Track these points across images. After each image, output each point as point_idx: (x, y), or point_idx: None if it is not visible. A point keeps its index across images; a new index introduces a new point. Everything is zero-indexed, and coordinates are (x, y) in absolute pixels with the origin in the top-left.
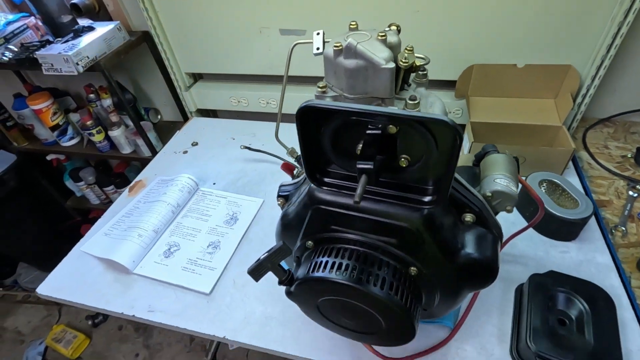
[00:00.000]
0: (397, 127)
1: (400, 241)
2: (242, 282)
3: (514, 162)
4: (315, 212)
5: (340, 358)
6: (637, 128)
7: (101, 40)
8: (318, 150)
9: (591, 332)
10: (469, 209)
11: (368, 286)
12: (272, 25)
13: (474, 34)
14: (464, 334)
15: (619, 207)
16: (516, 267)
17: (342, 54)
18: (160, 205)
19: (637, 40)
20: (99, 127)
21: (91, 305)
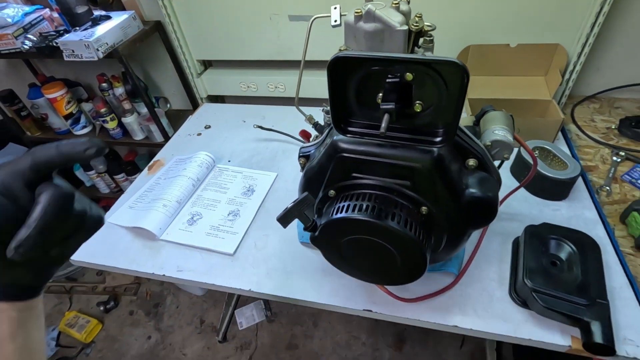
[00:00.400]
0: (413, 74)
1: (413, 182)
2: (262, 244)
3: (510, 117)
4: (338, 161)
5: (357, 303)
6: (621, 103)
7: (118, 29)
8: (343, 102)
9: (579, 270)
10: (472, 155)
11: (386, 221)
12: (281, 12)
13: (471, 16)
14: (467, 279)
15: (604, 171)
16: (512, 224)
17: (362, 19)
18: (181, 179)
19: (618, 19)
20: (112, 115)
21: (124, 268)
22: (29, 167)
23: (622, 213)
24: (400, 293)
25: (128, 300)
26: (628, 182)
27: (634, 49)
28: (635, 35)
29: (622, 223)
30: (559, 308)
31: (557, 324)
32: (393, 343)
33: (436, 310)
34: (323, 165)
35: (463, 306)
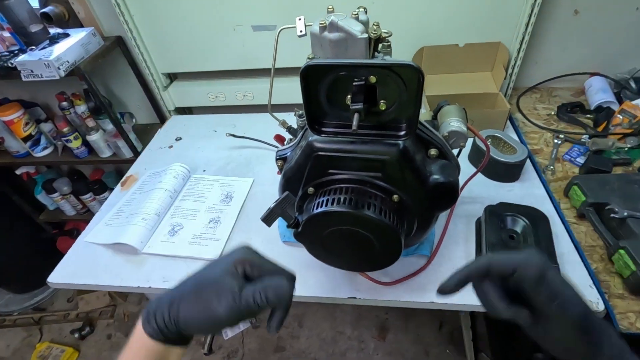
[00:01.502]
0: (376, 76)
1: (384, 173)
2: None
3: (463, 110)
4: (315, 159)
5: (342, 292)
6: (558, 92)
7: (78, 46)
8: (316, 105)
9: (533, 240)
10: (432, 145)
11: (363, 211)
12: (244, 23)
13: (422, 20)
14: (439, 260)
15: (548, 153)
16: (474, 206)
17: (327, 30)
18: (158, 192)
19: (546, 19)
20: (76, 133)
21: (107, 284)
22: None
23: (565, 188)
24: (381, 278)
25: (104, 324)
26: (568, 160)
27: (564, 43)
28: (563, 32)
29: (566, 197)
30: None
31: None
32: (377, 333)
33: (414, 290)
34: (301, 165)
35: (437, 283)
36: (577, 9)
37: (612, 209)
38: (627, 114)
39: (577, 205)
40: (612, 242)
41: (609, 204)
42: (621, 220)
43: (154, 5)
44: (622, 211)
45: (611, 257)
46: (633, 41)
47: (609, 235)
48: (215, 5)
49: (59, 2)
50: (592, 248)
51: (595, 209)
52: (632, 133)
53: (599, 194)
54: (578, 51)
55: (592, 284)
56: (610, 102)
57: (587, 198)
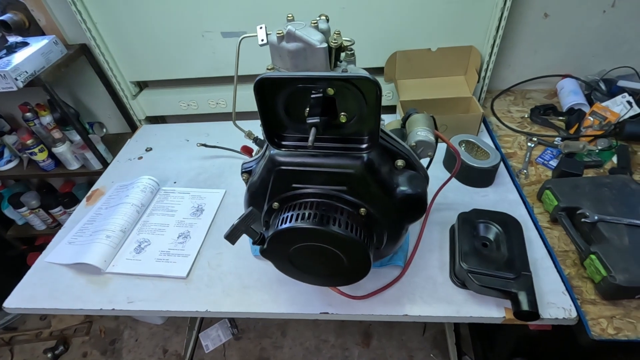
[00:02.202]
0: (334, 88)
1: (350, 187)
2: (216, 263)
3: (431, 118)
4: (277, 174)
5: (314, 307)
6: (531, 94)
7: (38, 55)
8: (274, 118)
9: (506, 248)
10: (399, 156)
11: (329, 226)
12: (214, 29)
13: (394, 25)
14: (413, 269)
15: (521, 156)
16: (449, 212)
17: (284, 40)
18: (124, 206)
19: (517, 23)
20: (41, 146)
21: (66, 308)
22: None
23: (538, 192)
24: (353, 292)
25: (80, 342)
26: (541, 164)
27: (535, 46)
28: (534, 35)
29: (539, 201)
30: (492, 284)
31: (493, 299)
32: (361, 340)
33: (387, 303)
34: (264, 179)
35: (411, 295)
36: (547, 12)
37: (583, 214)
38: (597, 116)
39: (550, 210)
40: (584, 247)
41: (580, 208)
42: (592, 224)
43: (118, 12)
44: (593, 215)
45: (583, 262)
46: (602, 43)
47: (580, 240)
48: (182, 11)
49: (18, 10)
50: (565, 253)
51: (567, 213)
52: (602, 135)
53: (570, 198)
54: (549, 54)
55: (565, 290)
56: (582, 104)
57: (559, 202)
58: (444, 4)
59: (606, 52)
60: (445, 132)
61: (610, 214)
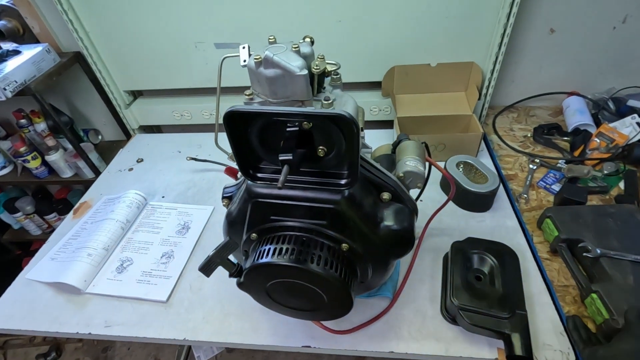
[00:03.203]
0: (311, 123)
1: (330, 222)
2: (198, 286)
3: (422, 146)
4: (254, 206)
5: (296, 340)
6: (535, 111)
7: (29, 64)
8: (249, 149)
9: (500, 282)
10: (385, 189)
11: (307, 264)
12: (206, 40)
13: (392, 39)
14: (402, 301)
15: (522, 178)
16: (443, 239)
17: (262, 65)
18: (108, 223)
19: (521, 38)
20: (34, 153)
21: (43, 330)
22: None
23: (538, 220)
24: (338, 325)
25: (72, 348)
26: (543, 188)
27: (540, 62)
28: (539, 50)
29: (539, 229)
30: (483, 324)
31: (485, 338)
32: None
33: (373, 337)
34: (242, 209)
35: (398, 330)
36: (553, 27)
37: (585, 247)
38: (604, 138)
39: (550, 240)
40: (585, 284)
41: (582, 241)
42: (594, 259)
43: (111, 21)
44: (596, 249)
45: (584, 300)
46: (611, 61)
47: (581, 276)
48: (175, 21)
49: (12, 17)
50: (564, 288)
51: (568, 245)
52: (609, 158)
53: (572, 228)
54: (555, 70)
55: (564, 330)
56: (588, 125)
57: (560, 233)
58: (445, 18)
59: (615, 69)
60: (444, 151)
61: (614, 248)
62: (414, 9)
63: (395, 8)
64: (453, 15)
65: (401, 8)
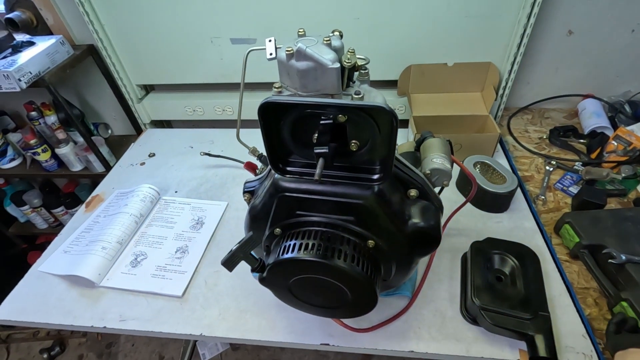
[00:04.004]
0: (346, 116)
1: (358, 218)
2: (213, 282)
3: (447, 144)
4: (280, 200)
5: (314, 337)
6: (550, 113)
7: (44, 55)
8: (279, 143)
9: (522, 283)
10: (412, 185)
11: (333, 260)
12: (222, 35)
13: (409, 37)
14: (421, 301)
15: (539, 180)
16: (460, 239)
17: (294, 57)
18: (122, 216)
19: (539, 39)
20: (44, 146)
21: (57, 323)
22: None
23: (556, 225)
24: (357, 323)
25: (76, 343)
26: (560, 190)
27: (556, 64)
28: (556, 52)
29: (557, 235)
30: (506, 324)
31: (506, 338)
32: (361, 357)
33: (392, 336)
34: (266, 204)
35: (418, 330)
36: (571, 29)
37: (609, 254)
38: (621, 141)
39: (570, 246)
40: (613, 292)
41: (605, 246)
42: (619, 266)
43: (126, 15)
44: (620, 255)
45: (612, 308)
46: (628, 64)
47: (608, 283)
48: (191, 16)
49: (26, 8)
50: (585, 290)
51: (590, 251)
52: (626, 161)
53: (593, 234)
54: (571, 72)
55: (586, 332)
56: (605, 128)
57: (582, 239)
58: (464, 18)
59: (632, 72)
60: (460, 151)
61: (637, 252)
62: (434, 8)
63: (415, 6)
64: (473, 14)
65: (420, 6)
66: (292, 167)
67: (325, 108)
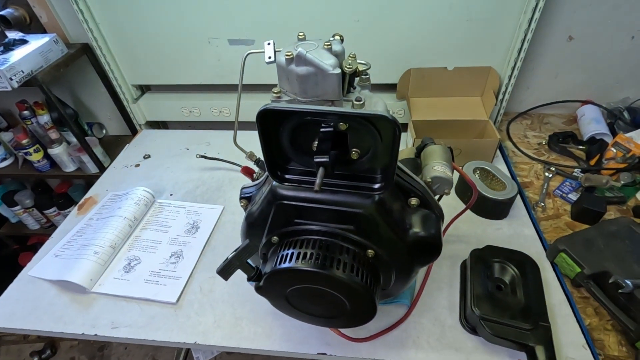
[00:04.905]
0: (347, 124)
1: (357, 227)
2: (209, 288)
3: (448, 151)
4: (278, 208)
5: (311, 347)
6: (549, 119)
7: (37, 54)
8: (278, 150)
9: (522, 293)
10: (413, 194)
11: (332, 270)
12: (220, 36)
13: (409, 41)
14: (420, 309)
15: (538, 186)
16: (460, 246)
17: (294, 62)
18: (115, 220)
19: (540, 45)
20: (36, 146)
21: (47, 330)
22: None
23: (549, 251)
24: (355, 332)
25: (68, 346)
26: (559, 196)
27: (556, 70)
28: (556, 58)
29: (552, 263)
30: (506, 335)
31: (506, 349)
32: None
33: (391, 346)
34: (264, 211)
35: (417, 339)
36: (572, 35)
37: (617, 283)
38: (620, 148)
39: (572, 276)
40: (634, 328)
41: (609, 273)
42: (629, 294)
43: (122, 14)
44: (627, 283)
45: (634, 344)
46: (627, 70)
47: (624, 317)
48: (188, 15)
49: (19, 5)
50: (585, 300)
51: (594, 280)
52: (625, 168)
53: (593, 261)
54: (571, 78)
55: (586, 343)
56: (604, 134)
57: (584, 269)
58: (464, 22)
59: (631, 79)
60: (459, 156)
61: (638, 274)
62: (435, 11)
63: (415, 9)
64: (474, 18)
65: (421, 9)
66: (290, 175)
67: (326, 116)
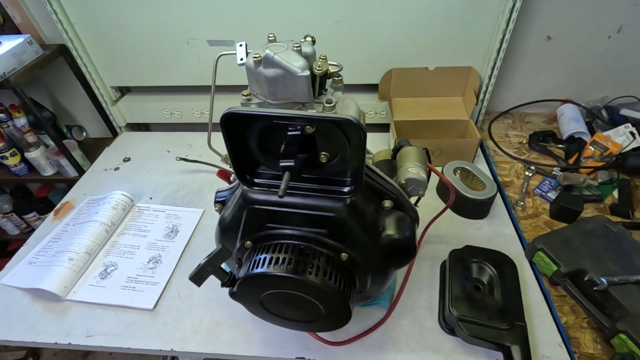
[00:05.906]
0: (314, 127)
1: (330, 230)
2: (187, 293)
3: (423, 152)
4: (250, 212)
5: (289, 351)
6: (530, 118)
7: (9, 56)
8: (246, 153)
9: (500, 292)
10: (387, 196)
11: (305, 275)
12: (199, 36)
13: (390, 41)
14: (399, 311)
15: (518, 185)
16: (440, 246)
17: (262, 64)
18: (92, 225)
19: (519, 44)
20: (13, 149)
21: (17, 340)
22: None
23: (528, 250)
24: (333, 336)
25: (51, 353)
26: (539, 195)
27: (536, 69)
28: (536, 57)
29: (530, 262)
30: (483, 335)
31: (484, 349)
32: None
33: (370, 348)
34: (236, 216)
35: (396, 341)
36: (550, 35)
37: (592, 281)
38: (598, 146)
39: (549, 274)
40: (609, 325)
41: (584, 271)
42: (604, 291)
43: (98, 14)
44: (602, 280)
45: (609, 340)
46: (605, 69)
47: (599, 314)
48: (167, 16)
49: None
50: (561, 298)
51: (570, 278)
52: (603, 167)
53: (569, 259)
54: (551, 77)
55: (562, 342)
56: (582, 133)
57: (560, 267)
58: (444, 22)
59: (609, 78)
60: (440, 156)
61: (613, 272)
62: (414, 11)
63: (395, 9)
64: (453, 18)
65: (401, 9)
66: (260, 179)
67: (291, 120)
